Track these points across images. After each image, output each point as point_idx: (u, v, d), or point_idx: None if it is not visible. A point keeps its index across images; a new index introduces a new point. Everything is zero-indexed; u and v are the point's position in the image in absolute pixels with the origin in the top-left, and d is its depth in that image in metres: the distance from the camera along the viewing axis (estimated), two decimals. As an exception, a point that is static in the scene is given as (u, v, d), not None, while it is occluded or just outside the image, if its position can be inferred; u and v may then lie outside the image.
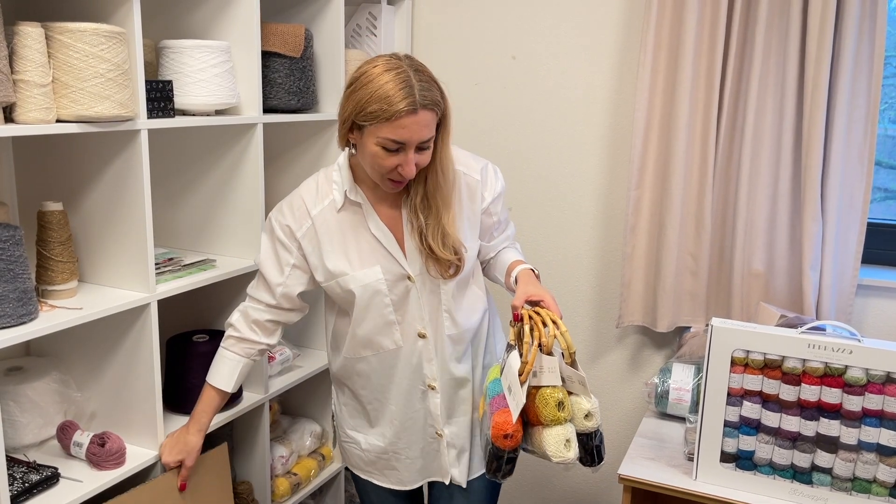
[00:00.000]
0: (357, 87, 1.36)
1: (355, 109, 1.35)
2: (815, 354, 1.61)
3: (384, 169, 1.39)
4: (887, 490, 1.62)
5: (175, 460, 1.60)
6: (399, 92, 1.32)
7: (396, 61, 1.36)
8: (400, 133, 1.34)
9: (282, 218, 1.53)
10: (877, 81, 1.86)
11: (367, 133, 1.36)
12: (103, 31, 1.36)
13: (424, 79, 1.36)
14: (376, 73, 1.34)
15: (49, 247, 1.49)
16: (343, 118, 1.39)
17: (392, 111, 1.31)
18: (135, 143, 1.49)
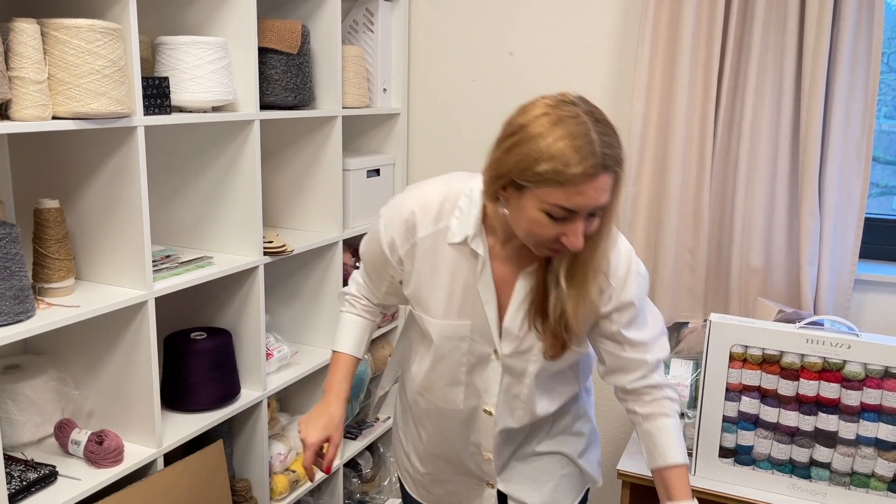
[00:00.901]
0: (522, 139, 1.09)
1: (518, 167, 1.09)
2: (813, 349, 1.62)
3: (543, 238, 1.14)
4: (885, 484, 1.63)
5: (320, 439, 1.37)
6: (578, 151, 1.05)
7: (571, 107, 1.09)
8: (574, 200, 1.08)
9: (390, 228, 1.32)
10: (874, 76, 1.86)
11: (529, 195, 1.10)
12: (99, 28, 1.36)
13: (605, 130, 1.09)
14: (547, 123, 1.08)
15: (46, 244, 1.48)
16: (497, 173, 1.13)
17: (568, 175, 1.06)
18: (131, 139, 1.49)
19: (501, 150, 1.13)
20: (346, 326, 1.48)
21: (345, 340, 1.46)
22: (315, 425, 1.38)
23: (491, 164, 1.15)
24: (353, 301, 1.48)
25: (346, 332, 1.47)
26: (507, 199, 1.16)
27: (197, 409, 1.80)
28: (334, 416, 1.40)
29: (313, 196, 2.18)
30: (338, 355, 1.46)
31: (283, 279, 2.26)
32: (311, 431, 1.37)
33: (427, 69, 2.44)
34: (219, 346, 1.83)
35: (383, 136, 2.48)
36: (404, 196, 1.33)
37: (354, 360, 1.46)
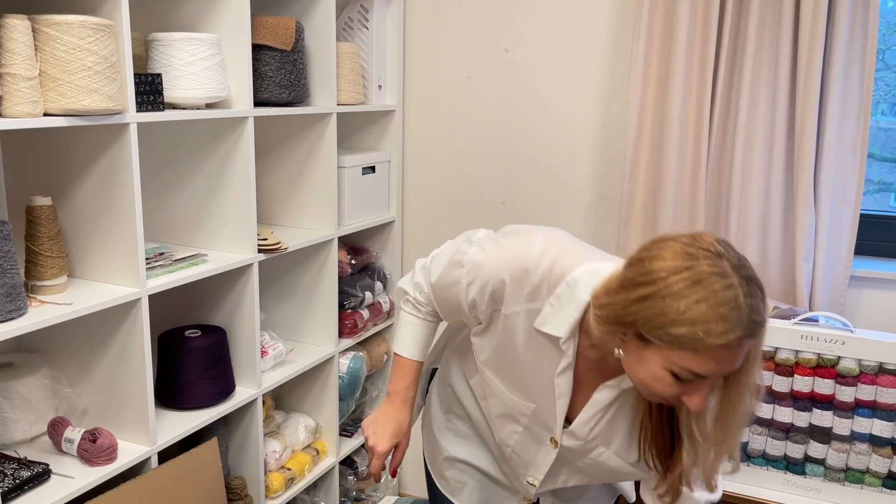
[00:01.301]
0: (656, 293, 0.97)
1: (649, 322, 0.97)
2: (807, 345, 1.62)
3: (661, 394, 1.04)
4: (880, 480, 1.63)
5: (391, 448, 1.38)
6: (722, 320, 0.93)
7: (716, 261, 0.96)
8: (708, 367, 0.97)
9: (474, 289, 1.23)
10: (869, 72, 1.86)
11: (655, 351, 0.99)
12: (90, 24, 1.35)
13: (754, 291, 0.96)
14: (688, 279, 0.95)
15: (38, 242, 1.48)
16: (621, 319, 1.01)
17: (707, 344, 0.94)
18: (124, 136, 1.48)
19: (630, 296, 1.00)
20: (410, 330, 1.40)
21: (411, 345, 1.39)
22: (385, 433, 1.37)
23: (613, 306, 1.02)
24: (417, 306, 1.39)
25: (411, 336, 1.40)
26: (626, 344, 1.04)
27: (191, 406, 1.80)
28: (403, 422, 1.39)
29: (308, 193, 2.17)
30: (403, 360, 1.40)
31: (277, 277, 2.26)
32: (380, 439, 1.36)
33: (422, 66, 2.43)
34: (213, 344, 1.83)
35: (379, 133, 2.47)
36: (499, 254, 1.21)
37: (419, 365, 1.42)
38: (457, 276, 1.26)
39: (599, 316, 1.05)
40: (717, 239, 0.99)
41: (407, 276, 1.41)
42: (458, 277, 1.25)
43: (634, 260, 1.03)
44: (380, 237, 2.52)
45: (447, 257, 1.31)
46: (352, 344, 2.32)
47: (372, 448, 1.37)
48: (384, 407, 1.40)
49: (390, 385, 1.41)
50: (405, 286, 1.40)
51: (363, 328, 2.35)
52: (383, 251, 2.53)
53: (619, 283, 1.03)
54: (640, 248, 1.04)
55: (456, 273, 1.26)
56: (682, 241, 0.99)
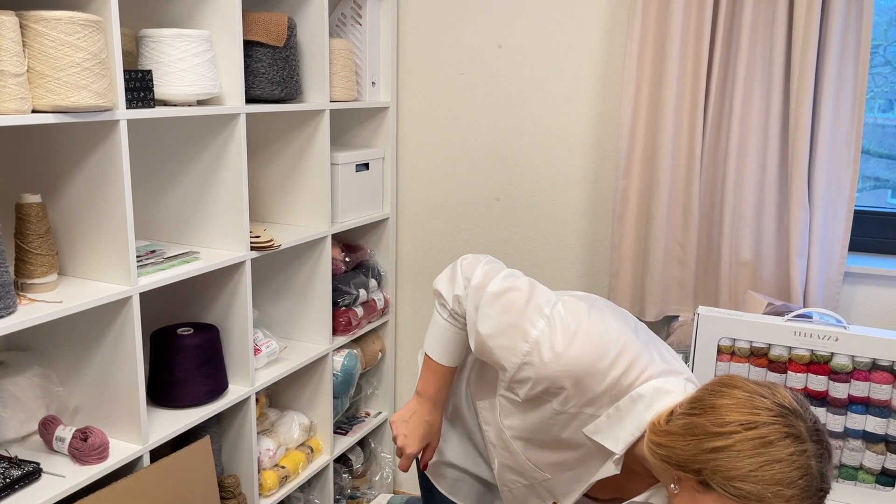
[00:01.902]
0: (731, 447, 0.97)
1: (716, 472, 0.97)
2: (801, 342, 1.61)
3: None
4: (873, 477, 1.63)
5: (421, 449, 1.39)
6: (792, 486, 0.94)
7: (796, 424, 0.97)
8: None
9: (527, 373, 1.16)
10: (863, 68, 1.86)
11: (714, 498, 0.98)
12: (79, 20, 1.34)
13: (824, 456, 0.97)
14: (765, 439, 0.95)
15: (28, 240, 1.47)
16: (685, 460, 1.00)
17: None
18: (114, 133, 1.47)
19: (700, 445, 0.99)
20: (445, 337, 1.33)
21: (444, 354, 1.34)
22: (415, 435, 1.37)
23: (680, 450, 1.01)
24: (456, 317, 1.32)
25: (445, 343, 1.34)
26: (682, 483, 1.03)
27: (184, 405, 1.79)
28: (434, 424, 1.39)
29: (301, 190, 2.16)
30: (435, 364, 1.36)
31: (271, 274, 2.25)
32: (411, 441, 1.37)
33: (416, 62, 2.42)
34: (206, 342, 1.82)
35: (372, 130, 2.46)
36: (568, 358, 1.12)
37: (453, 371, 1.37)
38: (515, 346, 1.17)
39: (661, 455, 1.04)
40: (794, 395, 0.99)
41: (445, 279, 1.33)
42: (517, 349, 1.17)
43: (706, 405, 1.01)
44: (374, 234, 2.52)
45: (506, 310, 1.20)
46: (346, 341, 2.31)
47: (402, 449, 1.38)
48: (414, 407, 1.38)
49: (420, 386, 1.38)
50: (443, 291, 1.32)
51: (357, 326, 2.34)
52: (377, 248, 2.52)
53: (686, 427, 1.01)
54: (710, 386, 1.03)
55: (516, 343, 1.17)
56: (758, 393, 0.99)
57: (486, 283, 1.24)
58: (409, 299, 2.59)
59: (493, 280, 1.24)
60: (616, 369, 1.12)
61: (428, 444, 1.40)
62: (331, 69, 2.11)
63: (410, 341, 2.63)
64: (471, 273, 1.28)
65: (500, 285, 1.23)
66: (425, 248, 2.53)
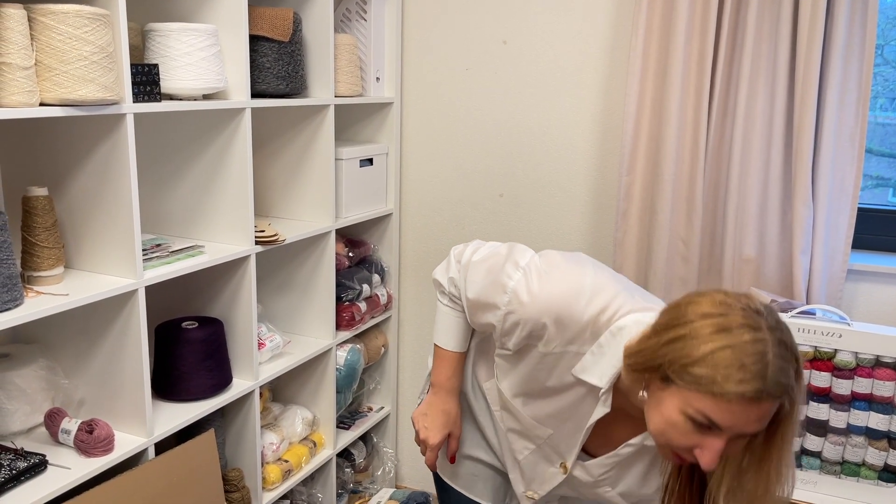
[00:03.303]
0: (687, 335, 0.97)
1: (673, 361, 0.98)
2: (804, 338, 1.62)
3: (674, 443, 1.01)
4: (876, 473, 1.63)
5: (444, 440, 1.40)
6: (744, 370, 0.92)
7: (756, 318, 0.95)
8: (722, 416, 0.95)
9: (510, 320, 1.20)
10: (868, 64, 1.86)
11: (674, 392, 0.99)
12: (87, 13, 1.34)
13: (785, 356, 0.95)
14: (717, 325, 0.95)
15: (34, 232, 1.47)
16: (649, 362, 1.02)
17: (723, 389, 0.93)
18: (120, 127, 1.47)
19: (661, 340, 1.01)
20: (450, 323, 1.38)
21: (451, 339, 1.38)
22: (435, 426, 1.38)
23: (645, 352, 1.03)
24: (455, 300, 1.37)
25: (450, 328, 1.38)
26: (649, 387, 1.04)
27: (188, 398, 1.80)
28: (451, 412, 1.40)
29: (306, 185, 2.17)
30: (444, 352, 1.39)
31: (275, 269, 2.26)
32: (433, 433, 1.38)
33: (420, 58, 2.43)
34: (210, 336, 1.83)
35: (376, 126, 2.46)
36: (545, 295, 1.16)
37: (462, 356, 1.41)
38: (496, 301, 1.22)
39: (630, 364, 1.06)
40: (764, 305, 0.98)
41: (441, 268, 1.38)
42: (498, 303, 1.22)
43: (671, 306, 1.03)
44: (377, 230, 2.52)
45: (488, 272, 1.26)
46: (349, 336, 2.32)
47: (424, 441, 1.39)
48: (431, 399, 1.41)
49: (434, 377, 1.41)
50: (440, 278, 1.38)
51: (360, 321, 2.35)
52: (381, 244, 2.53)
53: (652, 330, 1.03)
54: (682, 297, 1.04)
55: (496, 297, 1.22)
56: (725, 293, 0.99)
57: (472, 256, 1.32)
58: (412, 295, 2.60)
59: (478, 251, 1.32)
60: (594, 305, 1.13)
61: (450, 434, 1.40)
62: (335, 64, 2.11)
63: (413, 337, 2.63)
64: (461, 256, 1.35)
65: (482, 254, 1.30)
66: (428, 244, 2.53)
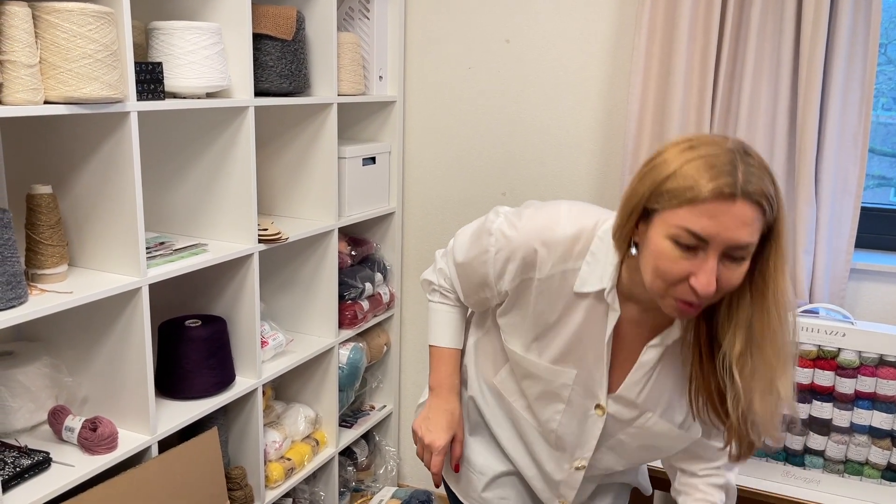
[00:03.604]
0: (657, 164, 1.00)
1: (648, 191, 0.99)
2: (807, 337, 1.62)
3: (670, 277, 0.99)
4: (879, 472, 1.63)
5: (449, 441, 1.32)
6: (714, 169, 0.94)
7: (720, 138, 0.99)
8: (703, 224, 0.94)
9: (501, 258, 1.18)
10: (871, 64, 1.86)
11: (657, 222, 0.99)
12: (91, 11, 1.34)
13: (754, 163, 0.96)
14: (685, 146, 0.99)
15: (38, 230, 1.47)
16: (629, 206, 1.03)
17: (697, 191, 0.94)
18: (124, 125, 1.48)
19: (635, 180, 1.03)
20: (442, 319, 1.36)
21: (445, 335, 1.35)
22: (439, 427, 1.30)
23: (623, 200, 1.04)
24: (445, 294, 1.36)
25: (443, 325, 1.35)
26: (639, 238, 1.04)
27: (191, 396, 1.80)
28: (454, 412, 1.33)
29: (308, 184, 2.17)
30: (440, 350, 1.35)
31: (278, 267, 2.26)
32: (437, 435, 1.30)
33: (423, 57, 2.43)
34: (213, 334, 1.83)
35: (379, 124, 2.47)
36: (528, 224, 1.17)
37: (458, 353, 1.37)
38: (485, 245, 1.21)
39: (616, 228, 1.06)
40: (737, 138, 1.01)
41: (429, 269, 1.38)
42: (487, 246, 1.20)
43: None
44: (380, 228, 2.52)
45: (472, 234, 1.26)
46: (352, 335, 2.32)
47: (430, 445, 1.30)
48: (431, 402, 1.34)
49: (432, 378, 1.35)
50: (429, 276, 1.38)
51: (363, 319, 2.35)
52: (383, 242, 2.53)
53: (635, 177, 1.05)
54: None
55: (484, 242, 1.21)
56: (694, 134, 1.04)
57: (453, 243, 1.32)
58: (414, 293, 2.60)
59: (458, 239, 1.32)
60: (577, 220, 1.14)
61: (454, 436, 1.33)
62: (338, 63, 2.12)
63: (415, 335, 2.63)
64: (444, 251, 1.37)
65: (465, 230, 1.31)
66: (431, 243, 2.53)
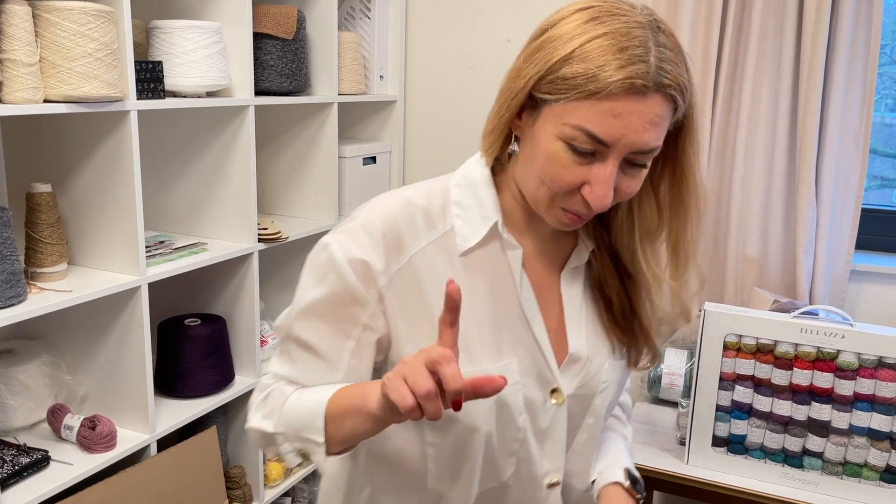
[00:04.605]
0: (548, 38, 0.78)
1: (538, 74, 0.78)
2: (807, 339, 1.62)
3: (559, 185, 0.79)
4: (878, 474, 1.63)
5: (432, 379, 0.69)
6: (624, 52, 0.73)
7: (626, 5, 0.78)
8: (607, 125, 0.75)
9: (353, 247, 0.85)
10: (873, 65, 1.86)
11: (547, 114, 0.78)
12: (91, 10, 1.34)
13: (668, 44, 0.76)
14: (585, 17, 0.77)
15: (38, 229, 1.47)
16: (512, 92, 0.81)
17: (602, 81, 0.73)
18: (124, 124, 1.48)
19: (521, 58, 0.81)
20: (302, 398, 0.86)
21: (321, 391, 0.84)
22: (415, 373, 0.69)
23: (504, 83, 0.84)
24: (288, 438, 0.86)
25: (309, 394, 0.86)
26: (521, 132, 0.83)
27: (191, 395, 1.80)
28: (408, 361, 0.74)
29: (309, 183, 2.17)
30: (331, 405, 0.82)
31: (277, 266, 2.26)
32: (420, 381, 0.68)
33: (424, 56, 2.42)
34: (213, 333, 1.83)
35: (380, 124, 2.46)
36: (365, 209, 0.89)
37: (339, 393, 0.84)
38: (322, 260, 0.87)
39: (490, 130, 0.87)
40: (645, 5, 0.80)
41: (252, 413, 0.92)
42: (327, 258, 0.86)
43: None
44: (380, 228, 2.52)
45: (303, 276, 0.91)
46: (351, 334, 2.31)
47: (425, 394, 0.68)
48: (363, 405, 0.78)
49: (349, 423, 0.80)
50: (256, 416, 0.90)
51: (363, 319, 2.34)
52: (384, 242, 2.52)
53: (513, 65, 0.83)
54: None
55: (322, 260, 0.87)
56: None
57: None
58: (414, 293, 2.60)
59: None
60: (421, 186, 0.93)
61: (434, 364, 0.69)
62: (339, 62, 2.11)
63: (415, 335, 2.63)
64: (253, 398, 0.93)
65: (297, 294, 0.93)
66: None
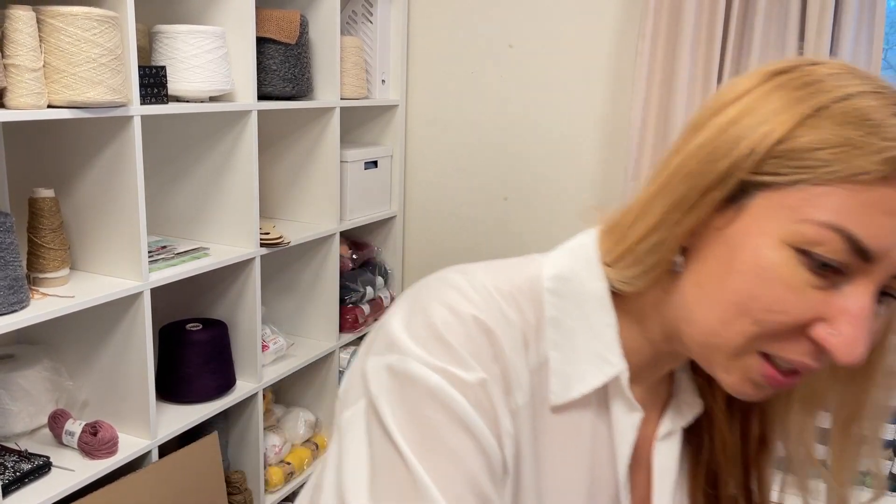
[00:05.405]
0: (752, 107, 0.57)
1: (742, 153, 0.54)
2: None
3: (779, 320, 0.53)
4: (880, 482, 1.63)
5: None
6: (880, 128, 0.51)
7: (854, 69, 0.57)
8: (879, 225, 0.50)
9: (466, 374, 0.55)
10: (874, 67, 1.86)
11: (761, 209, 0.53)
12: (95, 16, 1.34)
13: None
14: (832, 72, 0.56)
15: (40, 234, 1.47)
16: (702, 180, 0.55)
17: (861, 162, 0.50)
18: (128, 129, 1.47)
19: (692, 145, 0.57)
20: None
21: None
22: None
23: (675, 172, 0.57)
24: None
25: None
26: (698, 238, 0.57)
27: (192, 400, 1.79)
28: None
29: (310, 188, 2.17)
30: None
31: (279, 271, 2.26)
32: None
33: (426, 61, 2.42)
34: (214, 338, 1.82)
35: (381, 128, 2.46)
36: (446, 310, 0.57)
37: None
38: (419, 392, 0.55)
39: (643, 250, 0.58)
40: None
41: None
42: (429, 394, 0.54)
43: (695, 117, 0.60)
44: (381, 232, 2.52)
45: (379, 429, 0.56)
46: (352, 339, 2.32)
47: None
48: None
49: None
50: None
51: (364, 323, 2.35)
52: (385, 246, 2.53)
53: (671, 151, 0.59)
54: None
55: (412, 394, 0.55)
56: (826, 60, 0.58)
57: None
58: (415, 297, 2.59)
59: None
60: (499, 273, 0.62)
61: None
62: (341, 67, 2.11)
63: (416, 339, 2.63)
64: None
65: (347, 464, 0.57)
66: (432, 247, 2.53)
